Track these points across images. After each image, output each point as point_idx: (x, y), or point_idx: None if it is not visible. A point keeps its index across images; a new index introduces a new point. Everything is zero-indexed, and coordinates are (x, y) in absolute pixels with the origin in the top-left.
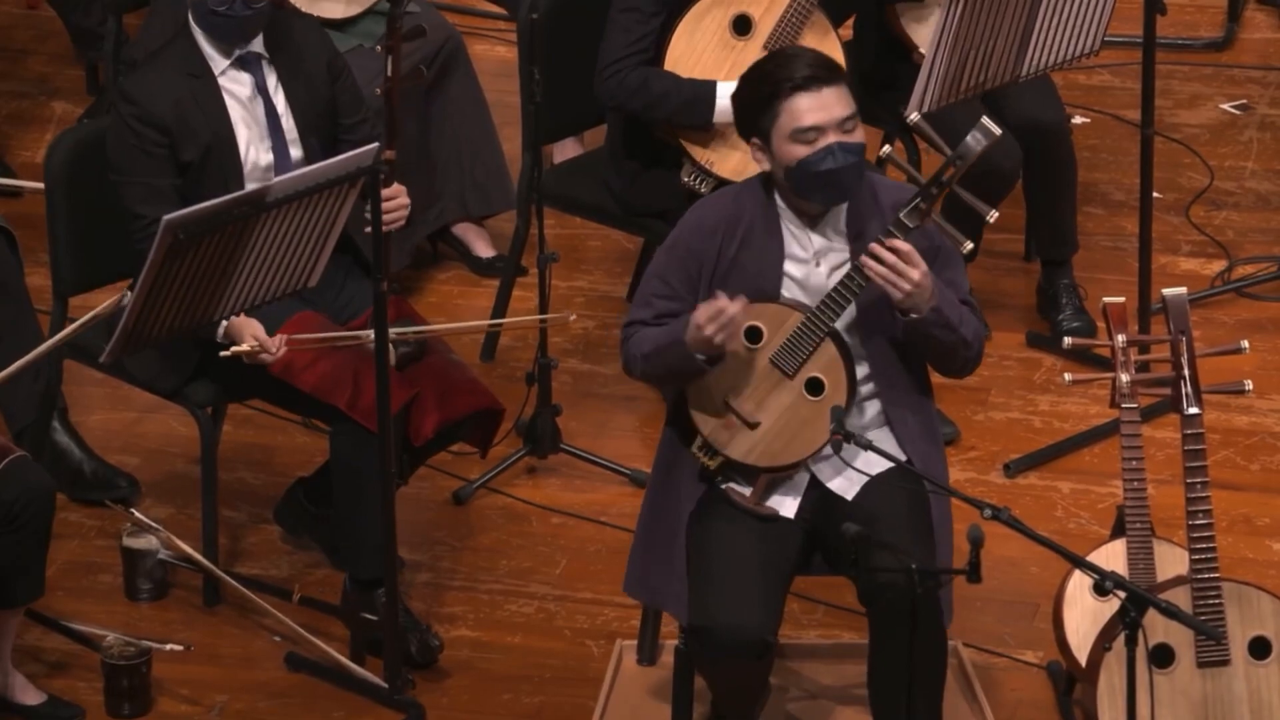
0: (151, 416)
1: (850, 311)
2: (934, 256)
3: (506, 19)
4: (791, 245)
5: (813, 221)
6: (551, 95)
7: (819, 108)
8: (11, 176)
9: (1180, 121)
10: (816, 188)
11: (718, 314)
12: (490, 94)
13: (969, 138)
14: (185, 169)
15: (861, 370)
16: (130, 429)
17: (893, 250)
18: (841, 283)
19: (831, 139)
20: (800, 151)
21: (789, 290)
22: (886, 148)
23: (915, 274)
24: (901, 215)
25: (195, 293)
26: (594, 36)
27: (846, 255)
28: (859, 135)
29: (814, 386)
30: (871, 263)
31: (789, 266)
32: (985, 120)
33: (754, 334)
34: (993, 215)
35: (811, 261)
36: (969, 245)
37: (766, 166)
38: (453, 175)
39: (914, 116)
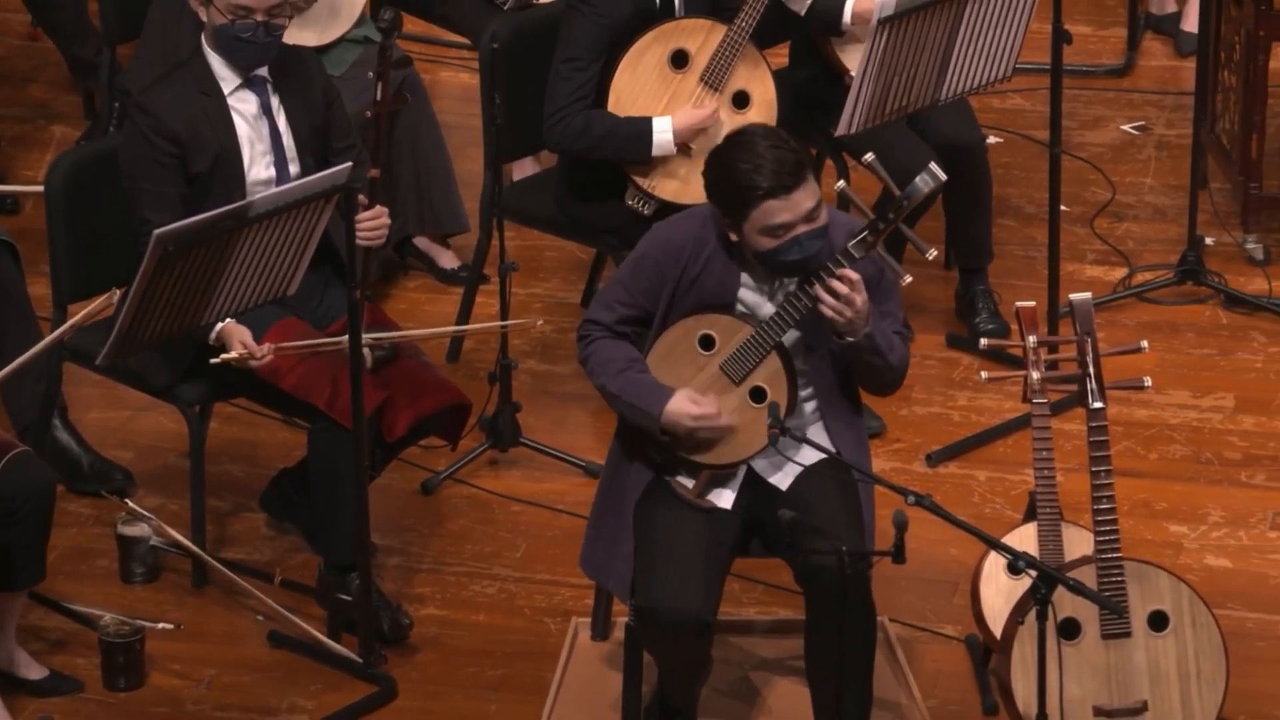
0: (144, 414)
1: (795, 331)
2: (876, 285)
3: (469, 48)
4: (748, 277)
5: None
6: (511, 118)
7: (788, 209)
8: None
9: (1085, 141)
10: (782, 269)
11: (710, 419)
12: (455, 117)
13: (918, 180)
14: (193, 180)
15: (801, 379)
16: (125, 426)
17: (843, 279)
18: (789, 301)
19: (799, 230)
20: (768, 243)
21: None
22: (841, 183)
23: (859, 300)
24: (850, 246)
25: (184, 300)
26: (549, 64)
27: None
28: (823, 217)
29: (757, 394)
30: (823, 292)
31: (743, 293)
32: (933, 165)
33: (707, 342)
34: (932, 253)
35: (764, 294)
36: (908, 278)
37: (735, 238)
38: (410, 196)
39: (869, 157)
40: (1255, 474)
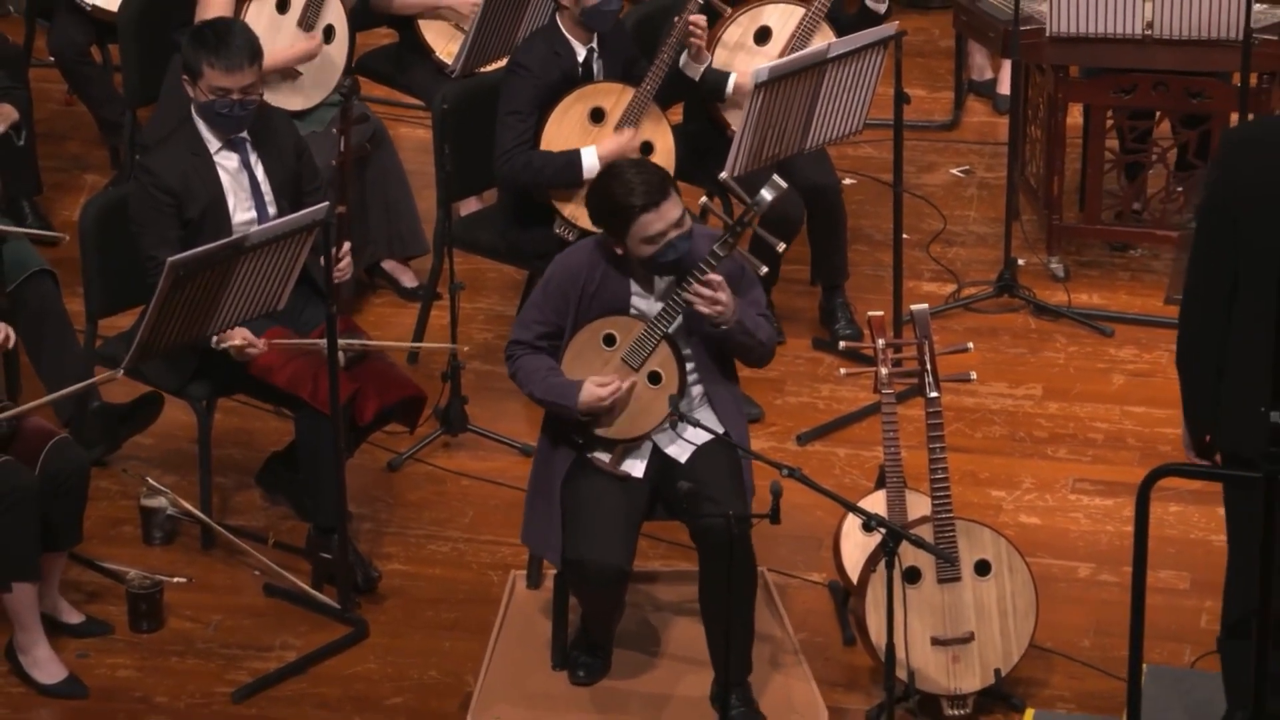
0: None
1: (679, 321)
2: (739, 278)
3: (424, 109)
4: (635, 286)
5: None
6: (458, 165)
7: (659, 219)
8: (50, 229)
9: (922, 182)
10: (661, 269)
11: (616, 390)
12: (413, 164)
13: (763, 190)
14: (187, 224)
15: (688, 365)
16: None
17: (708, 283)
18: (670, 300)
19: (671, 235)
20: (648, 250)
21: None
22: (704, 199)
23: (724, 297)
24: (715, 248)
25: (192, 315)
26: (490, 121)
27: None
28: (687, 222)
29: (654, 377)
30: (693, 295)
31: (634, 300)
32: (775, 177)
33: (610, 339)
34: (781, 247)
35: (651, 297)
36: (764, 269)
37: (620, 251)
38: (381, 227)
39: (723, 175)
40: (1059, 449)
